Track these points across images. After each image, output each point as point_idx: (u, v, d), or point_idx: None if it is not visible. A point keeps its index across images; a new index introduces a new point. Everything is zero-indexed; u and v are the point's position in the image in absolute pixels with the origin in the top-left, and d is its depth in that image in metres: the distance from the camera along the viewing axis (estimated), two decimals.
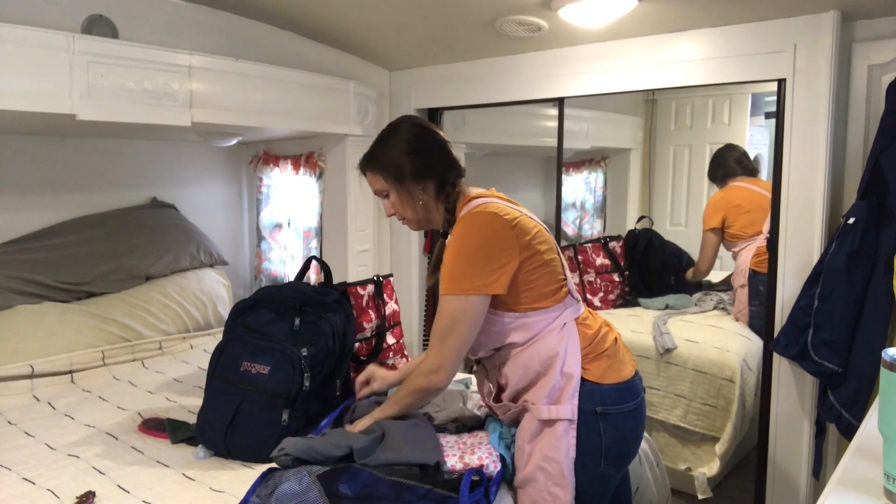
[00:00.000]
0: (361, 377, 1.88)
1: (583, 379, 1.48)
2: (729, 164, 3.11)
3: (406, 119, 1.67)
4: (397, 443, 1.50)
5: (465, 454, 1.53)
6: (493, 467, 1.51)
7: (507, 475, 1.55)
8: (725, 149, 3.18)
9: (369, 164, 1.64)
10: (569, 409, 1.46)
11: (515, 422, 1.60)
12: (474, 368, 1.75)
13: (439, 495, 1.34)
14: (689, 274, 3.34)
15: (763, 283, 2.53)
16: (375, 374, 1.86)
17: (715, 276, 3.85)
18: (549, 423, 1.47)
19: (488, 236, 1.48)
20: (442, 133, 1.66)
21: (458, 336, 1.48)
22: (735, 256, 3.21)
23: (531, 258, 1.50)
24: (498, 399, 1.61)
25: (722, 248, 3.24)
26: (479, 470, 1.48)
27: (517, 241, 1.48)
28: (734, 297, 3.20)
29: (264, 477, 1.43)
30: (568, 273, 1.59)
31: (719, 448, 2.67)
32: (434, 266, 1.65)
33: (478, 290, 1.46)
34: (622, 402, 1.51)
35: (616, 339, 1.60)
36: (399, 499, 1.34)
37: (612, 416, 1.49)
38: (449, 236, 1.56)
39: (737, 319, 3.15)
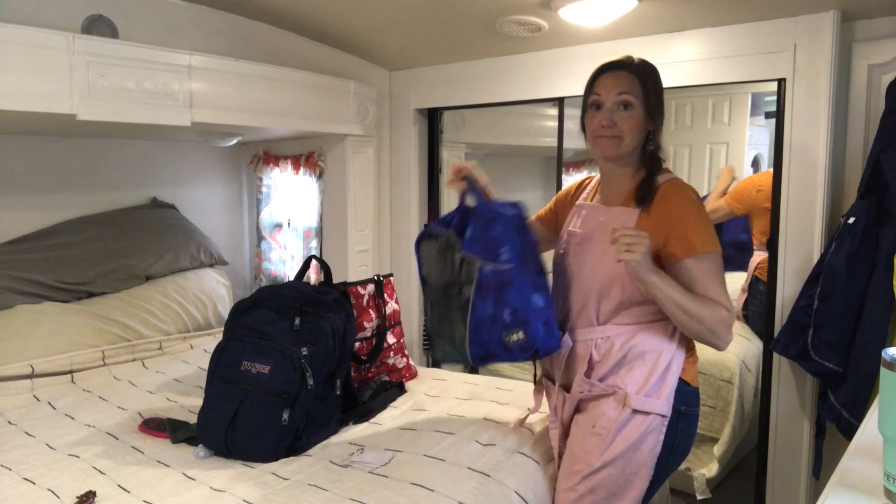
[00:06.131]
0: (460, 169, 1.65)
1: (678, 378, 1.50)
2: None
3: None
4: None
5: None
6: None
7: None
8: None
9: (653, 75, 1.55)
10: (666, 405, 1.47)
11: (573, 407, 1.57)
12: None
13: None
14: None
15: (763, 289, 2.52)
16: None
17: None
18: (643, 414, 1.46)
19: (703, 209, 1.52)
20: None
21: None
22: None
23: None
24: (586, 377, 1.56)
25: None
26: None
27: None
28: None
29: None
30: None
31: (717, 450, 2.66)
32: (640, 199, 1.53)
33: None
34: (697, 405, 1.55)
35: None
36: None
37: (689, 417, 1.52)
38: (668, 196, 1.49)
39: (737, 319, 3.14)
